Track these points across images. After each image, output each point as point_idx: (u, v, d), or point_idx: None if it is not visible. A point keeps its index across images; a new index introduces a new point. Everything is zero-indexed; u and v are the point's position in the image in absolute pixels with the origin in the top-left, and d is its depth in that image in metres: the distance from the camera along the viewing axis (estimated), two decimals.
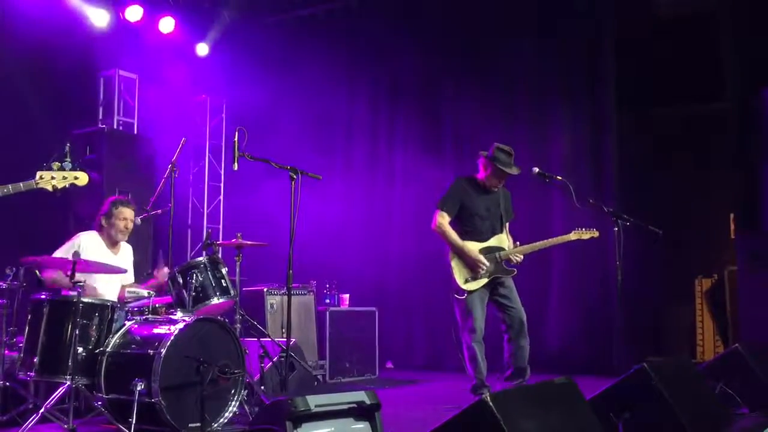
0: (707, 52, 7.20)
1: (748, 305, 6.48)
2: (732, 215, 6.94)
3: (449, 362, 7.85)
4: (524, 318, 5.31)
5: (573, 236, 5.51)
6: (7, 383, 4.40)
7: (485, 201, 5.45)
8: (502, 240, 5.45)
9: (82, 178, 4.19)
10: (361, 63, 9.09)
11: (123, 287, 5.19)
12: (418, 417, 5.01)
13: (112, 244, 5.19)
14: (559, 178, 5.46)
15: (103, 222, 5.17)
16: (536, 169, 5.35)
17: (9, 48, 7.09)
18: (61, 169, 4.11)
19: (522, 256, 5.40)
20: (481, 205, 5.42)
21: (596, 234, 5.52)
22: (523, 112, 8.05)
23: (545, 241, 5.54)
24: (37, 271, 4.87)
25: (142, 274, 5.64)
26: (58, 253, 4.86)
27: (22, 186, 4.03)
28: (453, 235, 5.33)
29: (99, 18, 8.16)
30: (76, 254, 4.33)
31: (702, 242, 7.61)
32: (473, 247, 5.31)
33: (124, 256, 5.30)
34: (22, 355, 4.39)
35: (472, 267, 5.27)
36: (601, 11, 7.72)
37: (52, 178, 4.09)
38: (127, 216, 5.17)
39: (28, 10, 7.19)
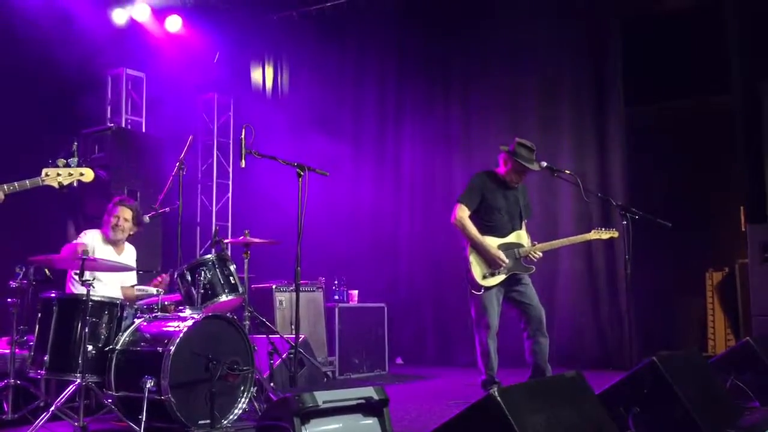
0: (713, 45, 7.16)
1: (759, 298, 6.45)
2: (742, 208, 6.89)
3: (459, 357, 7.85)
4: (543, 315, 5.26)
5: (593, 235, 5.45)
6: (18, 381, 4.42)
7: (505, 196, 5.38)
8: (521, 237, 5.39)
9: (88, 174, 4.20)
10: (368, 60, 9.09)
11: (125, 289, 5.21)
12: (426, 412, 5.00)
13: (113, 242, 5.20)
14: (568, 172, 5.43)
15: (104, 219, 5.20)
16: (544, 163, 5.32)
17: (16, 47, 7.11)
18: (67, 165, 4.12)
19: (541, 254, 5.34)
20: (501, 200, 5.35)
21: (615, 234, 5.42)
22: (530, 108, 8.03)
23: (565, 239, 5.52)
24: (46, 270, 4.88)
25: (151, 272, 5.66)
26: (67, 251, 4.89)
27: (28, 183, 4.04)
28: (473, 229, 5.25)
29: (119, 16, 8.26)
30: (85, 252, 4.35)
31: (713, 235, 7.57)
32: (492, 242, 5.25)
33: (128, 256, 5.30)
34: (32, 353, 4.40)
35: (490, 263, 5.21)
36: (606, 6, 7.68)
37: (58, 174, 4.11)
38: (121, 214, 5.14)
39: (36, 9, 7.21)
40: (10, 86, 6.94)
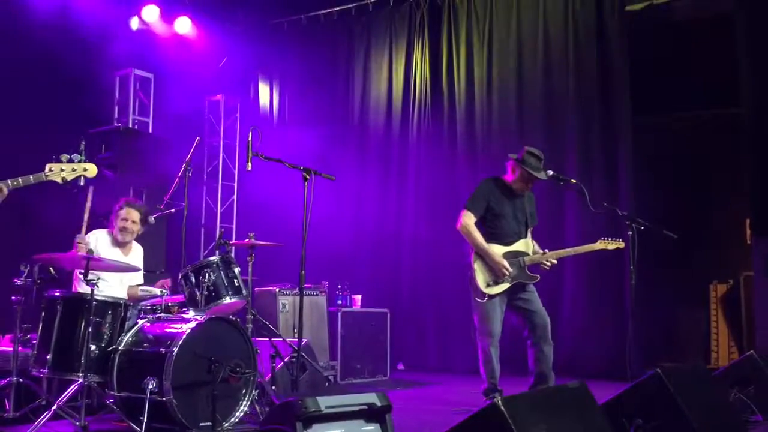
0: (722, 56, 7.15)
1: (764, 311, 6.42)
2: (748, 220, 6.87)
3: (461, 364, 7.82)
4: (548, 323, 5.24)
5: (599, 245, 5.41)
6: (21, 380, 4.42)
7: (512, 204, 5.35)
8: (527, 245, 5.36)
9: (91, 170, 4.20)
10: (374, 65, 9.10)
11: (130, 288, 5.21)
12: (428, 419, 4.99)
13: (120, 244, 5.20)
14: (574, 181, 5.43)
15: (111, 220, 5.21)
16: (551, 172, 5.31)
17: (25, 46, 7.12)
18: (70, 161, 4.12)
19: (556, 260, 5.31)
20: (507, 208, 5.32)
21: (622, 245, 5.38)
22: (536, 117, 8.01)
23: (571, 249, 5.49)
24: (51, 268, 4.89)
25: (154, 273, 5.65)
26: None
27: (32, 178, 4.04)
28: (478, 236, 5.22)
29: (128, 17, 8.35)
30: (90, 252, 4.36)
31: (718, 247, 7.55)
32: (498, 250, 5.23)
33: (135, 256, 5.30)
34: (35, 351, 4.42)
35: (495, 270, 5.20)
36: (613, 15, 7.67)
37: (61, 170, 4.10)
38: (128, 216, 5.15)
39: (45, 9, 7.23)
40: (17, 85, 6.96)
